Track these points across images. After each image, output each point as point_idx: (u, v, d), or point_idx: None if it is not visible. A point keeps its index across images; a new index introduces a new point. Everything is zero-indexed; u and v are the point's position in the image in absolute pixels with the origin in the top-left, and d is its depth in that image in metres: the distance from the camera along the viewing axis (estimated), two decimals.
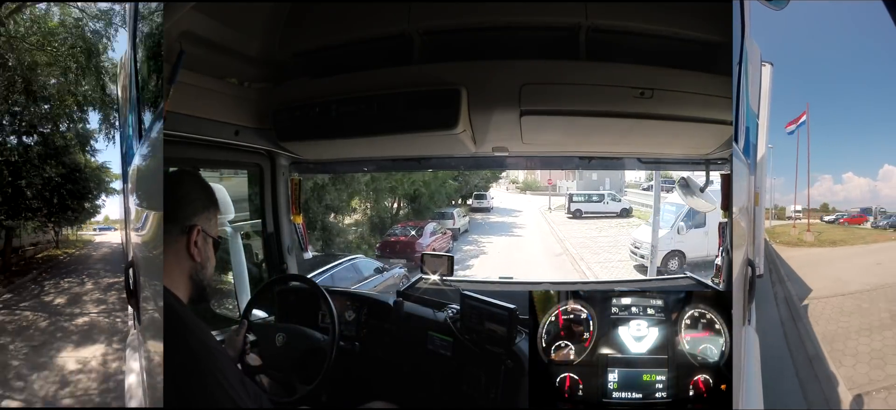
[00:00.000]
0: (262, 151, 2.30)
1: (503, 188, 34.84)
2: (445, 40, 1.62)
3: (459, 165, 2.62)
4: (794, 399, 4.39)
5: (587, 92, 1.56)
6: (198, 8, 1.42)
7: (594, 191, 18.87)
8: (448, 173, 14.92)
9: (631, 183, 26.01)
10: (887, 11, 1.45)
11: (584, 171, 24.44)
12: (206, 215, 1.17)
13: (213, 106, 1.74)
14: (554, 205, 22.08)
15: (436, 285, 2.40)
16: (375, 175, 11.36)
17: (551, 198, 23.36)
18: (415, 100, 1.59)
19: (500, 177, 27.48)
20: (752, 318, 1.91)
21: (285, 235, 2.52)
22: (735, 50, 1.53)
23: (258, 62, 1.83)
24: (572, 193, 18.98)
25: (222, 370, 1.06)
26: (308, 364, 1.82)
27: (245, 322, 1.88)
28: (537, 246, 13.81)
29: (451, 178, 16.21)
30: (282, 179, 2.44)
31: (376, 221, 13.92)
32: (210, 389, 1.01)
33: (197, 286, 1.16)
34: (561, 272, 10.92)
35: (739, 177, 1.76)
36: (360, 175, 10.93)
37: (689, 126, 1.64)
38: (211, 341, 1.14)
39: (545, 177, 32.19)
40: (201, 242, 1.14)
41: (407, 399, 1.93)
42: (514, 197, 27.14)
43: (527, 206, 22.61)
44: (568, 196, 18.62)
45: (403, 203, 14.99)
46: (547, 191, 31.12)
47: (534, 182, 35.06)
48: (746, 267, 1.71)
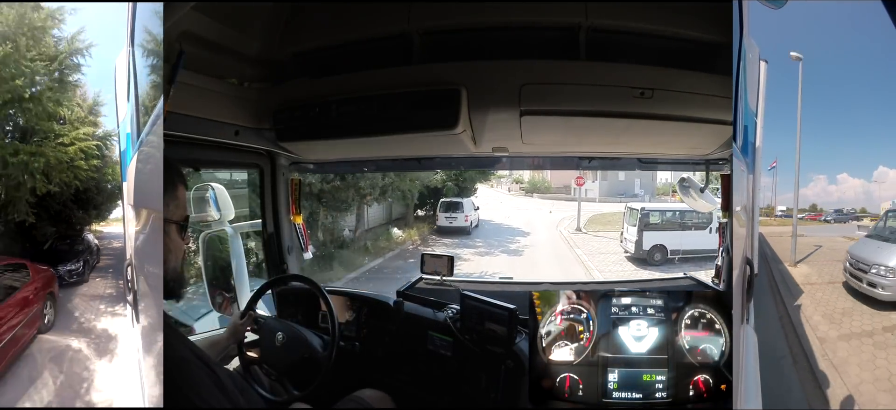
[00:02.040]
0: (262, 151, 2.29)
1: (504, 189, 30.35)
2: (445, 40, 1.62)
3: (459, 165, 2.62)
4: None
5: (587, 92, 1.56)
6: (198, 8, 1.41)
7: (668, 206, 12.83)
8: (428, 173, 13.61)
9: (662, 187, 24.32)
10: (886, 11, 1.45)
11: (608, 172, 21.91)
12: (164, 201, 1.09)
13: (213, 106, 1.74)
14: (579, 216, 16.22)
15: (436, 285, 2.40)
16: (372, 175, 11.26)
17: (580, 205, 17.05)
18: (415, 101, 1.58)
19: (492, 176, 22.54)
20: (751, 317, 1.91)
21: (285, 235, 2.51)
22: (734, 49, 1.54)
23: (258, 62, 1.82)
24: (644, 206, 12.33)
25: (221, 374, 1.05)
26: (301, 372, 1.82)
27: (252, 313, 1.88)
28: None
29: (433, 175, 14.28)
30: (282, 179, 2.44)
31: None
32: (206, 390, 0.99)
33: (173, 282, 1.10)
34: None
35: (739, 177, 1.76)
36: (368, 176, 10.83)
37: (688, 126, 1.64)
38: (194, 349, 1.06)
39: (559, 177, 25.98)
40: (165, 234, 1.08)
41: (407, 399, 1.93)
42: (516, 201, 22.80)
43: (535, 220, 17.24)
44: (638, 211, 11.61)
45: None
46: (562, 193, 24.98)
47: (542, 182, 28.82)
48: (745, 267, 1.71)
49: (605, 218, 17.57)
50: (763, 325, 5.17)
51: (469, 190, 16.74)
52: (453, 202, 15.39)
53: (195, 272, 2.86)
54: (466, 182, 16.02)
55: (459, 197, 15.61)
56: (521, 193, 27.62)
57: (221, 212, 2.51)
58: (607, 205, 21.25)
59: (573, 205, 18.28)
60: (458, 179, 15.36)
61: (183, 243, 1.13)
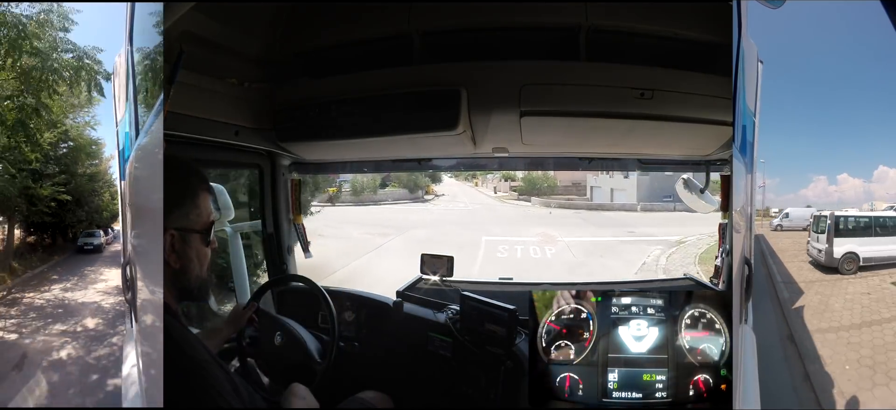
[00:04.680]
0: (262, 151, 2.29)
1: (490, 188, 20.67)
2: (445, 41, 1.62)
3: (459, 166, 2.62)
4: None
5: (587, 92, 1.56)
6: (198, 8, 1.41)
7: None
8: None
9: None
10: (885, 12, 1.46)
11: (632, 173, 17.31)
12: (179, 212, 1.07)
13: (213, 106, 1.74)
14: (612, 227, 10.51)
15: (435, 285, 2.40)
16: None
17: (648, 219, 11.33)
18: (415, 101, 1.59)
19: (478, 173, 16.05)
20: (750, 317, 1.91)
21: (285, 235, 2.51)
22: (734, 50, 1.54)
23: (258, 62, 1.82)
24: (835, 212, 11.18)
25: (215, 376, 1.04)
26: (307, 364, 1.82)
27: (253, 303, 1.85)
28: None
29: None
30: (282, 180, 2.44)
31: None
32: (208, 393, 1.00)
33: (185, 290, 1.09)
34: None
35: (738, 177, 1.76)
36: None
37: (688, 127, 1.65)
38: (201, 352, 1.07)
39: (567, 173, 15.47)
40: (179, 244, 1.05)
41: (407, 399, 1.93)
42: (500, 210, 14.45)
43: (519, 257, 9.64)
44: (827, 218, 10.56)
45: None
46: (571, 193, 16.00)
47: (544, 182, 19.02)
48: (743, 267, 1.71)
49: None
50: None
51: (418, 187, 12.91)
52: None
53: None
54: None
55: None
56: (512, 196, 18.23)
57: (221, 212, 2.50)
58: (659, 218, 12.51)
59: (591, 216, 11.55)
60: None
61: (208, 250, 1.10)
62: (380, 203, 16.09)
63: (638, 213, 14.30)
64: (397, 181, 13.34)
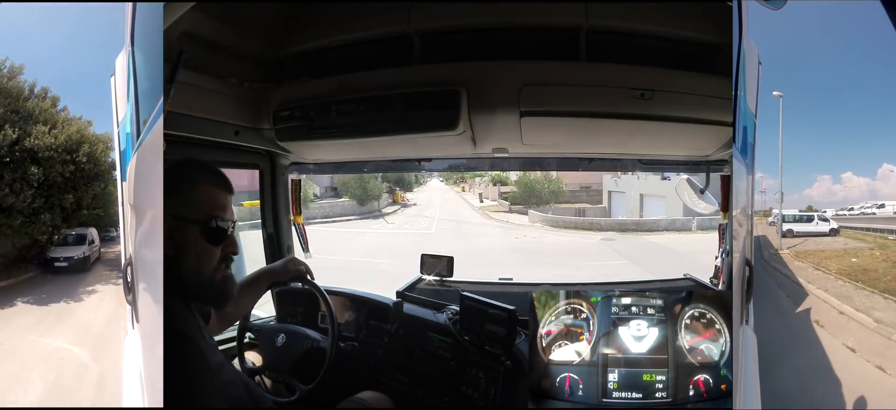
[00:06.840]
0: (261, 151, 2.29)
1: (474, 194, 17.74)
2: (445, 41, 1.62)
3: (459, 166, 2.62)
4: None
5: (587, 93, 1.56)
6: (198, 8, 1.41)
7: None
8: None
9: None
10: (885, 11, 1.46)
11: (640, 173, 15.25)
12: (174, 198, 1.04)
13: (213, 106, 1.74)
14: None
15: (435, 286, 2.40)
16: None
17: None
18: (415, 101, 1.58)
19: (466, 175, 13.76)
20: (750, 318, 1.91)
21: (285, 235, 2.51)
22: (735, 50, 1.54)
23: (258, 62, 1.82)
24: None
25: (221, 373, 1.04)
26: (308, 365, 1.82)
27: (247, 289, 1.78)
28: None
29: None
30: (282, 179, 2.44)
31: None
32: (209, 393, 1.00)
33: (185, 284, 1.05)
34: None
35: (738, 178, 1.76)
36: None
37: (689, 127, 1.64)
38: (208, 347, 1.08)
39: (574, 174, 12.37)
40: (176, 231, 1.02)
41: (406, 399, 1.93)
42: (490, 233, 10.56)
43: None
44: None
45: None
46: (582, 200, 12.54)
47: (546, 186, 15.85)
48: (744, 267, 1.71)
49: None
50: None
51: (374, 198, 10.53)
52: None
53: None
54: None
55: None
56: (503, 207, 14.43)
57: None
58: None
59: (624, 245, 8.43)
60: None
61: (214, 248, 1.07)
62: (311, 221, 11.65)
63: (693, 234, 9.47)
64: (350, 189, 11.04)
